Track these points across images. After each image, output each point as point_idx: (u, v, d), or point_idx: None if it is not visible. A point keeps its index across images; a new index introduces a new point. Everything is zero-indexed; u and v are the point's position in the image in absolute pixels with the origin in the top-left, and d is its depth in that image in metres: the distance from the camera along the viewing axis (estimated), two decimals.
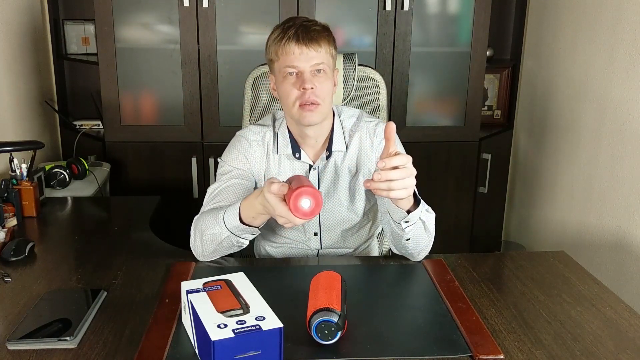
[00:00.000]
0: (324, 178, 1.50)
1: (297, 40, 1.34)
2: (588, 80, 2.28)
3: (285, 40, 1.35)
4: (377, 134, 1.48)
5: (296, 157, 1.47)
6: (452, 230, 2.72)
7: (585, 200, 2.29)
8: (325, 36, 1.38)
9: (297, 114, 1.39)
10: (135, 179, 2.55)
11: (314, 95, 1.35)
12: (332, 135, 1.47)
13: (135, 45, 2.47)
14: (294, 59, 1.35)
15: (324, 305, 1.04)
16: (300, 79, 1.36)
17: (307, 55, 1.35)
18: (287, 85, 1.37)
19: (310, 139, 1.46)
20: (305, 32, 1.34)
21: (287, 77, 1.37)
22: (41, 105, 2.56)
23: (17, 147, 1.82)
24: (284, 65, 1.36)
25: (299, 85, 1.36)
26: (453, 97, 2.64)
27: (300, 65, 1.35)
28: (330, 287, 1.11)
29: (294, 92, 1.37)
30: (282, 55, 1.36)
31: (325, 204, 1.51)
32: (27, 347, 1.03)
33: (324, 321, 1.02)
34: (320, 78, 1.37)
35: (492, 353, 1.02)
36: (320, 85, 1.36)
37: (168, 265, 1.35)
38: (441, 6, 2.55)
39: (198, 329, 0.98)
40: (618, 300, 1.23)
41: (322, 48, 1.36)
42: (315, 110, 1.37)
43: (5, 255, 1.39)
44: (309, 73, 1.36)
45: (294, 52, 1.34)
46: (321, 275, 1.15)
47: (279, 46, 1.36)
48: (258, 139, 1.49)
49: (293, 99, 1.37)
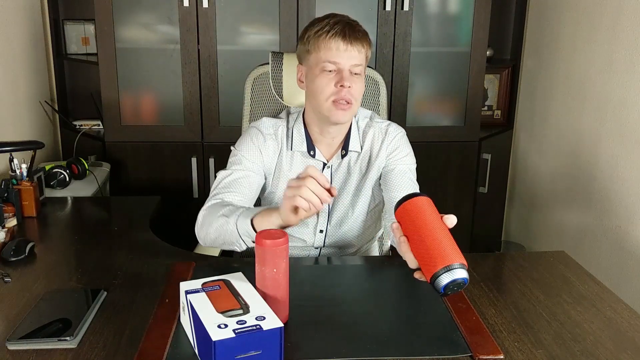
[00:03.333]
0: (336, 177, 1.50)
1: (344, 37, 1.33)
2: (588, 80, 2.28)
3: (331, 34, 1.33)
4: (389, 134, 1.49)
5: (311, 154, 1.47)
6: (452, 230, 2.72)
7: (585, 200, 2.29)
8: (367, 39, 1.39)
9: (328, 110, 1.38)
10: (135, 179, 2.55)
11: (349, 94, 1.35)
12: (349, 135, 1.48)
13: (135, 45, 2.47)
14: (337, 54, 1.34)
15: (456, 260, 0.95)
16: (339, 75, 1.35)
17: (350, 54, 1.34)
18: (323, 79, 1.36)
19: (329, 136, 1.46)
20: (352, 30, 1.35)
21: (324, 71, 1.36)
22: (41, 105, 2.56)
23: (17, 147, 1.82)
24: (325, 59, 1.35)
25: (337, 81, 1.35)
26: (453, 97, 2.64)
27: (342, 62, 1.34)
28: (447, 232, 1.02)
29: (330, 88, 1.36)
30: (324, 48, 1.35)
31: (334, 203, 1.52)
32: (27, 347, 1.03)
33: (461, 281, 0.94)
34: (356, 78, 1.37)
35: (492, 353, 1.02)
36: (356, 86, 1.36)
37: (168, 265, 1.35)
38: (441, 6, 2.55)
39: (198, 330, 0.98)
40: (618, 300, 1.23)
41: (364, 49, 1.37)
42: (348, 109, 1.37)
43: (5, 255, 1.39)
44: (348, 71, 1.35)
45: (338, 47, 1.33)
46: (424, 204, 1.03)
47: (323, 39, 1.34)
48: (272, 133, 1.48)
49: (327, 95, 1.36)
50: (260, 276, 1.07)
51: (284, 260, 1.07)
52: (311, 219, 1.53)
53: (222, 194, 1.40)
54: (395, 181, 1.46)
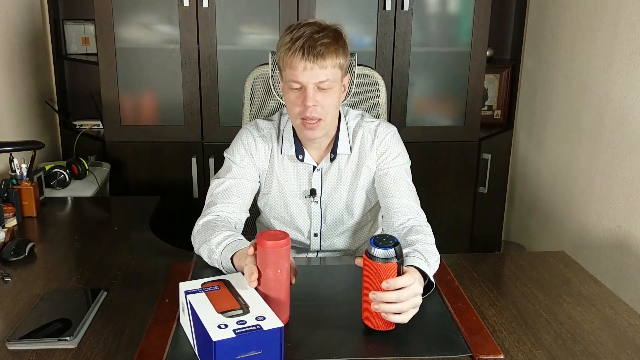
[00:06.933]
0: (327, 179, 1.50)
1: (303, 55, 1.29)
2: (588, 80, 2.28)
3: (291, 53, 1.30)
4: (378, 134, 1.47)
5: (299, 159, 1.47)
6: (452, 230, 2.72)
7: (585, 200, 2.29)
8: (333, 50, 1.32)
9: (299, 128, 1.39)
10: (135, 179, 2.55)
11: (315, 112, 1.33)
12: (338, 137, 1.46)
13: (135, 45, 2.47)
14: (298, 74, 1.31)
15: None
16: (303, 94, 1.32)
17: (312, 72, 1.30)
18: (291, 97, 1.35)
19: (316, 141, 1.45)
20: (312, 47, 1.29)
21: (292, 90, 1.35)
22: (41, 105, 2.56)
23: (17, 147, 1.82)
24: (289, 78, 1.33)
25: (302, 100, 1.33)
26: (453, 97, 2.64)
27: (304, 80, 1.31)
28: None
29: (297, 107, 1.34)
30: (287, 66, 1.33)
31: (327, 206, 1.52)
32: (27, 347, 1.03)
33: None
34: (325, 93, 1.34)
35: (492, 353, 1.02)
36: (324, 101, 1.34)
37: (168, 265, 1.35)
38: (441, 6, 2.55)
39: (198, 330, 0.98)
40: (618, 300, 1.23)
41: (327, 63, 1.31)
42: (317, 127, 1.35)
43: (5, 255, 1.39)
44: (312, 89, 1.32)
45: (299, 66, 1.30)
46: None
47: (286, 57, 1.32)
48: (263, 135, 1.48)
49: (296, 113, 1.36)
50: (264, 278, 1.06)
51: (287, 260, 1.07)
52: (304, 224, 1.53)
53: (215, 206, 1.40)
54: (390, 186, 1.44)
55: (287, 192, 1.50)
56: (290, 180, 1.49)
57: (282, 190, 1.50)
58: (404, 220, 1.35)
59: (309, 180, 1.49)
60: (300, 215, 1.52)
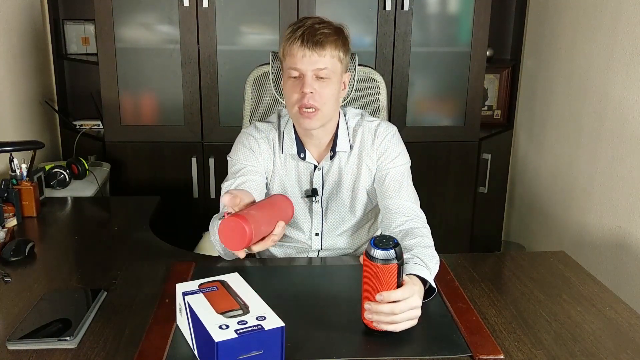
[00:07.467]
0: (328, 178, 1.50)
1: (302, 43, 1.32)
2: (588, 80, 2.28)
3: (291, 41, 1.34)
4: (378, 135, 1.47)
5: (301, 157, 1.47)
6: (452, 230, 2.72)
7: (585, 200, 2.29)
8: (332, 40, 1.34)
9: (296, 118, 1.39)
10: (135, 179, 2.55)
11: (313, 99, 1.34)
12: (337, 135, 1.47)
13: (135, 45, 2.47)
14: (297, 61, 1.33)
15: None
16: (301, 81, 1.35)
17: (310, 59, 1.33)
18: (290, 86, 1.37)
19: (314, 139, 1.46)
20: (312, 35, 1.32)
21: (290, 78, 1.37)
22: (41, 105, 2.56)
23: (17, 147, 1.82)
24: (288, 66, 1.36)
25: (299, 87, 1.34)
26: (453, 97, 2.64)
27: (303, 67, 1.34)
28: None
29: (295, 95, 1.36)
30: (287, 55, 1.36)
31: (328, 205, 1.52)
32: (27, 347, 1.03)
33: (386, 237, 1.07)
34: (323, 82, 1.35)
35: (492, 353, 1.02)
36: (322, 90, 1.35)
37: (168, 265, 1.35)
38: (441, 6, 2.55)
39: (198, 331, 0.98)
40: (618, 300, 1.23)
41: (326, 52, 1.33)
42: (314, 116, 1.36)
43: (5, 255, 1.39)
44: (310, 77, 1.34)
45: (297, 54, 1.33)
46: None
47: (286, 46, 1.36)
48: (263, 137, 1.48)
49: (293, 102, 1.37)
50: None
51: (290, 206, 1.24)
52: (305, 223, 1.53)
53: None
54: (389, 187, 1.43)
55: (289, 191, 1.50)
56: (291, 180, 1.50)
57: (284, 189, 1.50)
58: (402, 221, 1.35)
59: (310, 179, 1.49)
60: (302, 215, 1.52)
